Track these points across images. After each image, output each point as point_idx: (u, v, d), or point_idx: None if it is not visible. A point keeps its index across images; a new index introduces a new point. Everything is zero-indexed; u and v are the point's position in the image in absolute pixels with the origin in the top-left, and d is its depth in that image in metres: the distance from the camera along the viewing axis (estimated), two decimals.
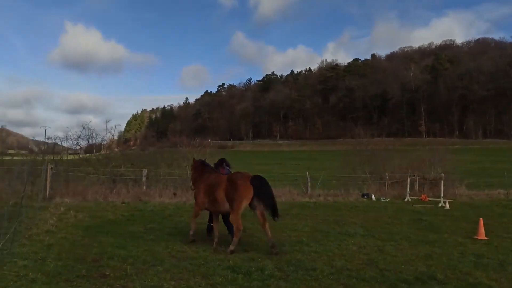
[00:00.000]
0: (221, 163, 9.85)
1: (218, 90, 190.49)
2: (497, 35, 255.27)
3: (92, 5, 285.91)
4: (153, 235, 9.24)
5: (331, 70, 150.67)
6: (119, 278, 5.98)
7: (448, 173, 21.90)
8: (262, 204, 7.89)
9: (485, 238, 9.79)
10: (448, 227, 11.46)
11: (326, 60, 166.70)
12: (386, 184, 21.89)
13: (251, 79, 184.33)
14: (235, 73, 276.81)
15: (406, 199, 18.88)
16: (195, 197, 8.74)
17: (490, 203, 17.95)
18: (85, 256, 7.09)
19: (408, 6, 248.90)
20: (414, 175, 21.80)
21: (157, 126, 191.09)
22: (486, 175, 31.29)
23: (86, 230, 9.43)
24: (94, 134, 21.57)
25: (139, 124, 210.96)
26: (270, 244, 7.88)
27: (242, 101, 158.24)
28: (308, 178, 20.36)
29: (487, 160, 55.39)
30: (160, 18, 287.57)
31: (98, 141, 22.20)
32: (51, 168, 15.93)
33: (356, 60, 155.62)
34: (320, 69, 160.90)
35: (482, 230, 10.00)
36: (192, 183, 8.99)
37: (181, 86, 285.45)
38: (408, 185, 19.89)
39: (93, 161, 19.94)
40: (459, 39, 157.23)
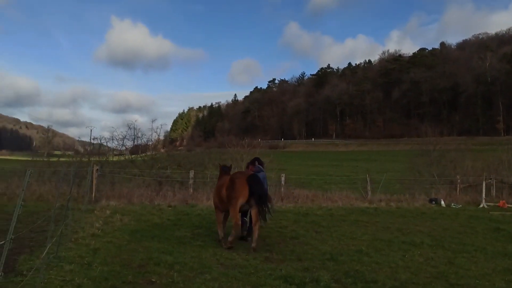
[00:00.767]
0: (253, 162, 10.58)
1: (269, 86, 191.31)
2: None
3: None
4: (201, 241, 9.42)
5: (394, 62, 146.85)
6: (166, 286, 6.15)
7: None
8: (254, 203, 8.72)
9: None
10: None
11: (388, 51, 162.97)
12: (458, 189, 21.17)
13: (305, 73, 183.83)
14: (287, 68, 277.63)
15: (481, 206, 18.13)
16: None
17: None
18: (131, 262, 7.35)
19: None
20: (491, 179, 20.97)
21: (204, 125, 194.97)
22: None
23: (132, 234, 9.78)
24: (140, 134, 22.20)
25: (186, 123, 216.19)
26: (253, 245, 8.54)
27: (295, 98, 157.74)
28: (368, 181, 19.99)
29: None
30: (208, 11, 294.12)
31: (144, 142, 22.85)
32: (97, 170, 16.66)
33: (423, 50, 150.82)
34: (381, 61, 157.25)
35: None
36: None
37: (230, 82, 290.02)
38: (484, 190, 19.11)
39: (139, 163, 20.59)
40: None
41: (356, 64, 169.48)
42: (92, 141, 26.01)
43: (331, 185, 23.23)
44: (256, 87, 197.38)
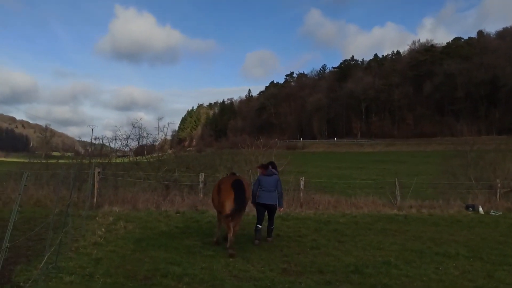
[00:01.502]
0: (267, 166, 11.32)
1: (286, 80, 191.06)
2: None
3: None
4: (212, 250, 9.46)
5: (425, 53, 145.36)
6: None
7: None
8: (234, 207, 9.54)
9: None
10: None
11: (419, 41, 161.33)
12: (498, 194, 20.91)
13: (326, 66, 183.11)
14: (307, 60, 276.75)
15: None
16: None
17: None
18: (136, 273, 7.42)
19: None
20: None
21: (215, 124, 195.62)
22: None
23: (137, 243, 9.86)
24: (145, 134, 22.23)
25: (195, 122, 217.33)
26: (229, 252, 9.12)
27: (315, 93, 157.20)
28: (397, 186, 19.83)
29: None
30: None
31: (150, 142, 22.95)
32: (99, 173, 16.83)
33: (458, 39, 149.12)
34: (411, 52, 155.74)
35: None
36: None
37: (244, 76, 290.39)
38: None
39: (144, 165, 20.71)
40: None
41: (383, 56, 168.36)
42: (94, 141, 26.26)
43: (356, 190, 23.12)
44: (272, 82, 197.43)
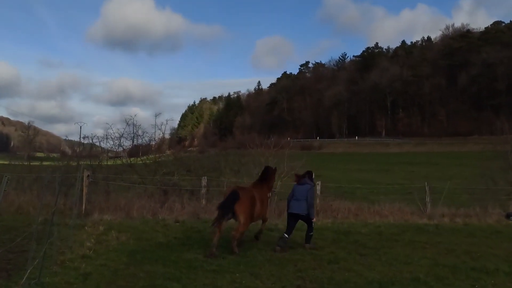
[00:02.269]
0: (304, 175, 12.33)
1: (301, 71, 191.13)
2: None
3: None
4: (216, 265, 9.46)
5: (461, 39, 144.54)
6: None
7: None
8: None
9: None
10: None
11: (453, 25, 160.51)
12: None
13: (346, 55, 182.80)
14: (325, 48, 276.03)
15: None
16: None
17: None
18: None
19: None
20: None
21: (220, 121, 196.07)
22: None
23: (131, 256, 9.88)
24: (141, 132, 22.20)
25: (197, 118, 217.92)
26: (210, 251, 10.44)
27: (334, 85, 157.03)
28: (427, 191, 19.74)
29: None
30: None
31: (146, 141, 22.97)
32: (88, 176, 16.89)
33: (498, 24, 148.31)
34: (444, 38, 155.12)
35: None
36: None
37: (253, 66, 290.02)
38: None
39: (139, 167, 20.76)
40: None
41: (412, 43, 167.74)
42: (82, 141, 26.38)
43: (380, 196, 23.05)
44: (285, 73, 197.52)
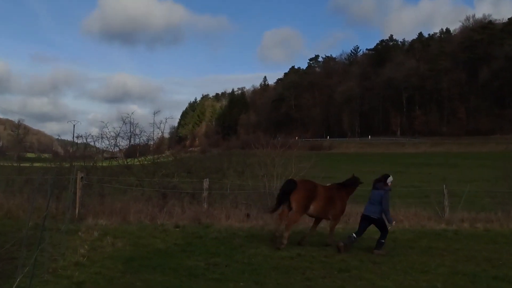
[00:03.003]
0: (380, 179, 13.39)
1: (310, 66, 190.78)
2: None
3: None
4: (218, 273, 9.48)
5: (482, 31, 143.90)
6: None
7: None
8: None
9: None
10: None
11: (474, 16, 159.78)
12: None
13: (359, 48, 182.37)
14: (336, 40, 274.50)
15: None
16: None
17: None
18: None
19: None
20: None
21: (223, 119, 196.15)
22: None
23: (127, 264, 9.91)
24: (138, 131, 22.16)
25: (198, 116, 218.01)
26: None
27: (345, 81, 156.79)
28: (445, 194, 19.66)
29: None
30: None
31: (143, 141, 22.96)
32: (82, 178, 16.93)
33: None
34: (464, 30, 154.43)
35: None
36: None
37: (260, 60, 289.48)
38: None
39: (137, 169, 20.77)
40: None
41: (430, 35, 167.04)
42: (76, 140, 26.37)
43: (395, 199, 22.91)
44: (293, 67, 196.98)
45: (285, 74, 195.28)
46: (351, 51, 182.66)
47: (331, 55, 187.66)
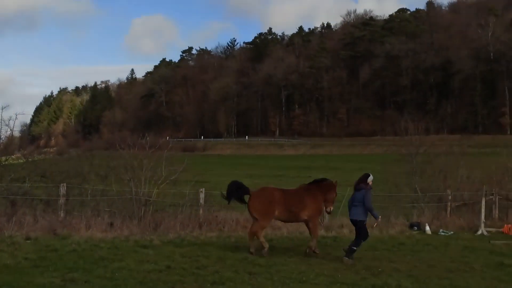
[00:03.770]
0: (360, 180, 13.90)
1: (183, 59, 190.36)
2: None
3: None
4: None
5: (363, 28, 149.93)
6: None
7: None
8: None
9: None
10: None
11: (355, 11, 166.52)
12: (449, 209, 21.87)
13: (236, 41, 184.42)
14: (213, 32, 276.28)
15: (480, 232, 18.93)
16: None
17: None
18: None
19: None
20: (492, 194, 21.79)
21: (84, 116, 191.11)
22: None
23: None
24: None
25: (55, 113, 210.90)
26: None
27: (221, 76, 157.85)
28: None
29: None
30: None
31: None
32: None
33: (403, 12, 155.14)
34: (345, 26, 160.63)
35: None
36: None
37: (127, 51, 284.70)
38: (483, 210, 19.85)
39: None
40: None
41: (310, 29, 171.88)
42: None
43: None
44: (164, 60, 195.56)
45: (155, 67, 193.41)
46: (228, 44, 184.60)
47: (206, 48, 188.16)
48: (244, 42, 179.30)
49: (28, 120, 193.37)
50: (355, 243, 13.19)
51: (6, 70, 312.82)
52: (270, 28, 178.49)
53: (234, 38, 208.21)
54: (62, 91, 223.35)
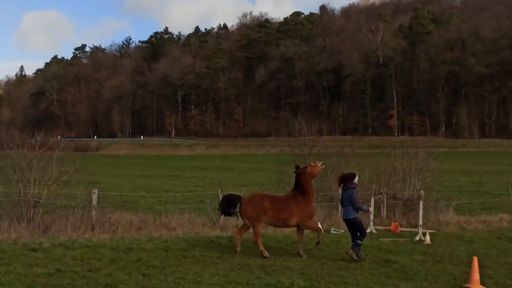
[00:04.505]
0: (343, 179, 14.30)
1: (76, 56, 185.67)
2: None
3: None
4: None
5: (259, 30, 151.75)
6: None
7: (431, 190, 22.90)
8: None
9: (481, 287, 10.46)
10: (429, 272, 12.06)
11: (251, 13, 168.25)
12: (340, 208, 22.37)
13: (131, 39, 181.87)
14: (108, 30, 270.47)
15: (368, 230, 19.42)
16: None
17: (489, 235, 19.07)
18: None
19: None
20: (381, 193, 22.47)
21: None
22: (485, 193, 33.33)
23: None
24: None
25: None
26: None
27: (116, 75, 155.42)
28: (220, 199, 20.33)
29: (486, 170, 58.98)
30: None
31: None
32: None
33: (298, 15, 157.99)
34: (241, 27, 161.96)
35: (477, 276, 10.60)
36: None
37: (15, 47, 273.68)
38: (372, 209, 20.46)
39: None
40: None
41: (207, 30, 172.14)
42: None
43: (168, 206, 23.22)
44: (56, 57, 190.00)
45: (47, 64, 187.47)
46: (123, 43, 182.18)
47: (100, 46, 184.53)
48: (140, 41, 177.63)
49: None
50: (360, 237, 13.67)
51: None
52: (167, 28, 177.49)
53: (130, 37, 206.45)
54: None
